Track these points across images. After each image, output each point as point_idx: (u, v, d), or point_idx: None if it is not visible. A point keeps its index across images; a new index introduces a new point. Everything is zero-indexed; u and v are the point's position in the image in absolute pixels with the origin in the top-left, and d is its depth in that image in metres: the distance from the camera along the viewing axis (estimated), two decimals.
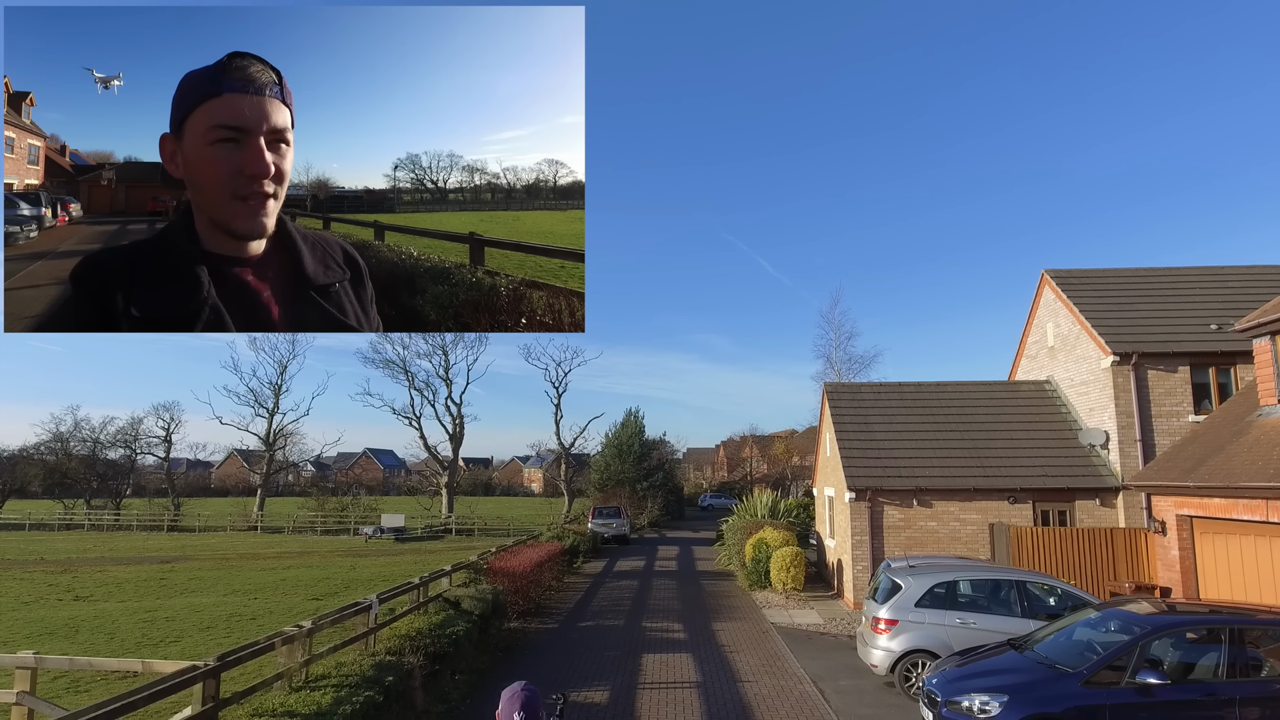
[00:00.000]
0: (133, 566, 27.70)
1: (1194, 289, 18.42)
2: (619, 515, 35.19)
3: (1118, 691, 7.10)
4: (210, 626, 15.62)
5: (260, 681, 7.57)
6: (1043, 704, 7.16)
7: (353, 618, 9.85)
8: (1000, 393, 19.70)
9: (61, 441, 49.45)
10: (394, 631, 10.36)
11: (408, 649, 9.60)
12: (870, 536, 16.72)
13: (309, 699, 7.41)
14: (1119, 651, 7.33)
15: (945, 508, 16.78)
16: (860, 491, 16.83)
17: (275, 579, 23.79)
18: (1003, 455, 17.40)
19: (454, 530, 42.62)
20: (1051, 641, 8.25)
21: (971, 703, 7.44)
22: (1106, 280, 19.06)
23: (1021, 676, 7.60)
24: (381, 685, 8.13)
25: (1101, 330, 16.97)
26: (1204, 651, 7.37)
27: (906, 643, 10.08)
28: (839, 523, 18.69)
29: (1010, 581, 10.52)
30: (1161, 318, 17.39)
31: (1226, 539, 12.37)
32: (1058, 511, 16.59)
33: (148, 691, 6.02)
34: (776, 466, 58.92)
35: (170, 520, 45.60)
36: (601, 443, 50.34)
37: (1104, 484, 16.35)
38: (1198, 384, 16.39)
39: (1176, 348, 16.37)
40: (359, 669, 8.53)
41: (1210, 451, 12.94)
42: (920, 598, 10.32)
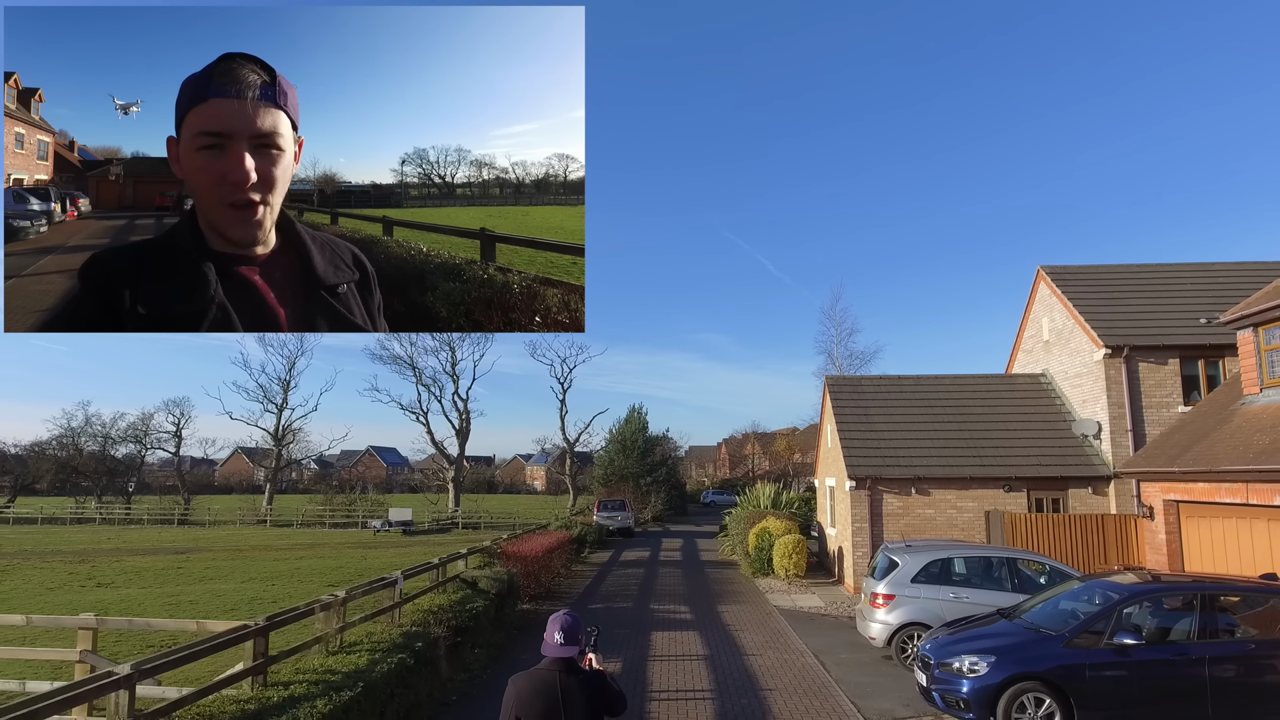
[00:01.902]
0: (149, 557, 28.32)
1: (1184, 284, 18.96)
2: (624, 509, 35.84)
3: (1097, 652, 7.67)
4: (233, 609, 16.19)
5: (300, 644, 8.15)
6: (1027, 663, 7.73)
7: (379, 591, 10.43)
8: (996, 385, 20.25)
9: (73, 436, 50.15)
10: (416, 607, 10.94)
11: (432, 622, 10.17)
12: (870, 524, 17.28)
13: (346, 660, 8.01)
14: (1098, 616, 7.90)
15: (943, 496, 17.34)
16: (860, 480, 17.39)
17: (289, 568, 24.41)
18: (998, 445, 17.95)
19: (460, 524, 43.22)
20: (1038, 610, 8.81)
21: (961, 663, 8.00)
22: (1100, 276, 19.60)
23: (1008, 640, 8.17)
24: (412, 650, 8.71)
25: (1094, 324, 17.51)
26: (1178, 616, 7.93)
27: (903, 616, 10.65)
28: (840, 511, 19.25)
29: (1001, 559, 11.09)
30: (1152, 312, 17.93)
31: (1210, 522, 12.91)
32: (1051, 499, 17.15)
33: (206, 645, 6.60)
34: (778, 463, 59.43)
35: (180, 515, 46.25)
36: (606, 439, 51.00)
37: (1096, 472, 16.91)
38: (1187, 376, 16.94)
39: (1167, 341, 16.91)
40: (389, 637, 9.12)
41: (1195, 439, 13.48)
42: (916, 574, 10.90)
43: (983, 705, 7.71)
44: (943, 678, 8.14)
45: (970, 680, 7.84)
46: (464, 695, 9.44)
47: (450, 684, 9.73)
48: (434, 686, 9.35)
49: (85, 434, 50.12)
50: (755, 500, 27.94)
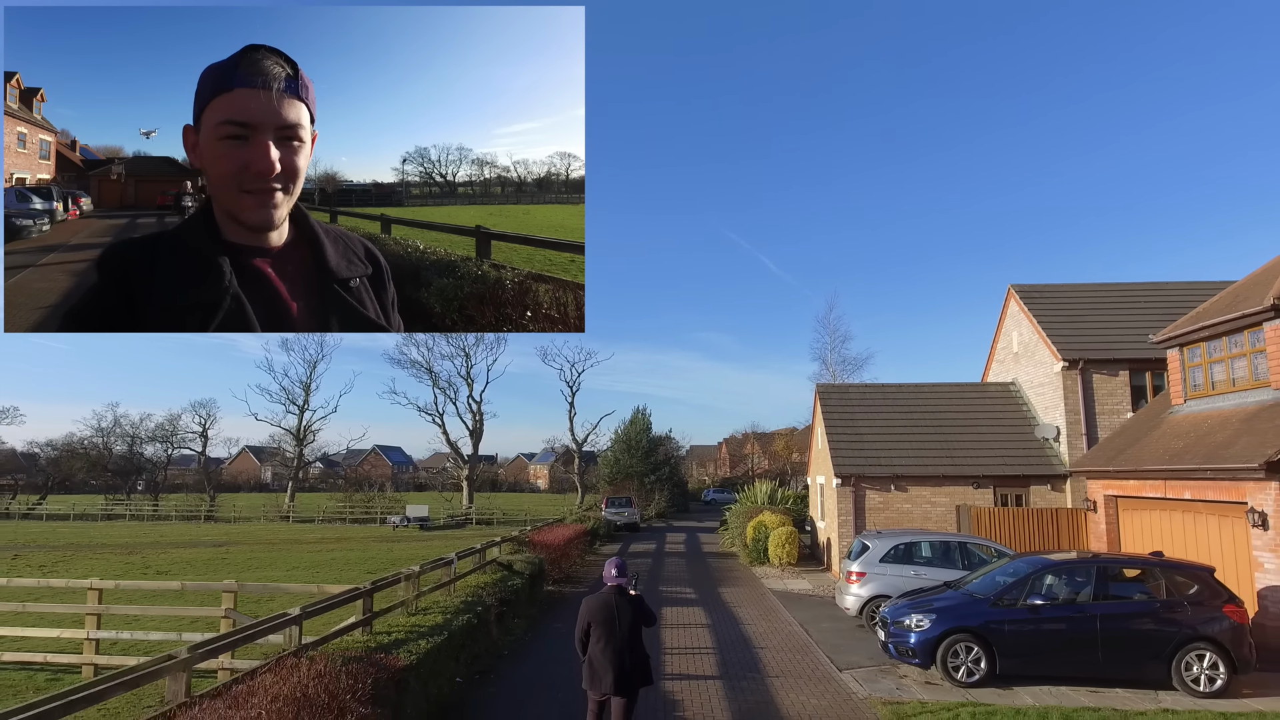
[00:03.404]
0: (190, 549, 30.48)
1: (1138, 302, 21.10)
2: (630, 505, 38.09)
3: (1014, 611, 9.84)
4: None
5: (390, 605, 10.31)
6: (960, 620, 9.89)
7: (438, 570, 12.61)
8: (970, 393, 22.42)
9: (103, 436, 52.57)
10: (466, 584, 13.11)
11: (484, 594, 12.35)
12: (854, 517, 19.46)
13: (425, 620, 10.17)
14: (1017, 584, 10.08)
15: (919, 492, 19.51)
16: (846, 478, 19.56)
17: (325, 559, 26.58)
18: (969, 447, 20.12)
19: (474, 520, 45.44)
20: (976, 581, 10.98)
21: (910, 621, 10.17)
22: (1062, 294, 21.76)
23: (948, 603, 10.34)
24: (474, 613, 10.90)
25: (1055, 339, 19.67)
26: (1079, 584, 10.09)
27: (872, 590, 12.84)
28: (828, 506, 21.42)
29: (955, 543, 13.28)
30: (1107, 328, 20.08)
31: (1140, 514, 15.08)
32: (1015, 495, 19.32)
33: (329, 602, 8.76)
34: (777, 463, 61.54)
35: (206, 511, 48.55)
36: (611, 439, 53.25)
37: (1054, 471, 19.08)
38: (1135, 386, 19.10)
39: (1118, 355, 19.08)
40: (451, 604, 11.29)
41: (1130, 443, 15.66)
42: (884, 555, 13.09)
43: (926, 653, 9.87)
44: (896, 633, 10.31)
45: (917, 634, 10.00)
46: (512, 651, 11.63)
47: (500, 643, 11.91)
48: (488, 644, 11.53)
49: (114, 434, 52.56)
50: (753, 497, 30.17)
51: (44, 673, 10.34)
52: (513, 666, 10.85)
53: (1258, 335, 13.03)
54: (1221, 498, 12.16)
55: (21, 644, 11.38)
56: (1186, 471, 12.77)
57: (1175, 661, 9.39)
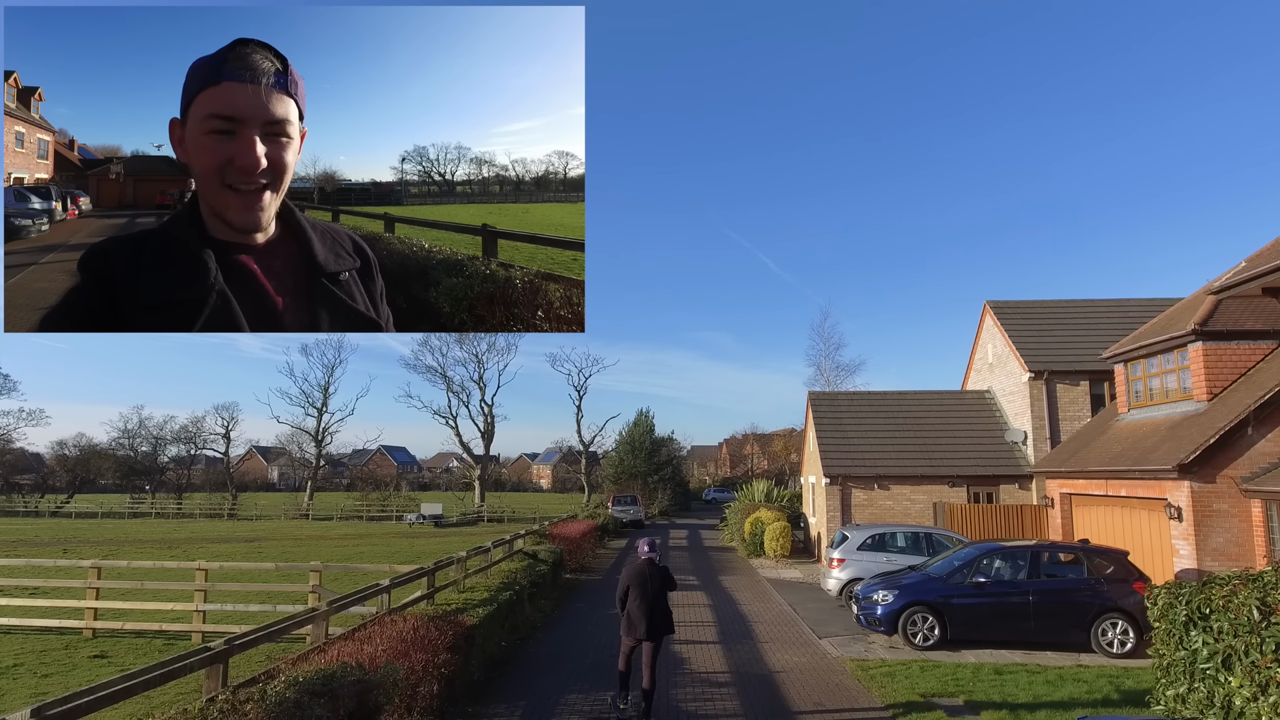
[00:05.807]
0: (225, 544, 32.58)
1: (1100, 318, 23.17)
2: (635, 503, 40.23)
3: (962, 587, 11.93)
4: (335, 579, 20.44)
5: (444, 584, 12.39)
6: (918, 595, 11.97)
7: (478, 557, 14.70)
8: (949, 400, 24.52)
9: (130, 437, 54.87)
10: (500, 569, 15.19)
11: (518, 577, 14.45)
12: (841, 513, 21.55)
13: (473, 595, 12.26)
14: (965, 565, 12.16)
15: (900, 490, 21.60)
16: (834, 478, 21.65)
17: (353, 552, 28.66)
18: (946, 449, 22.21)
19: (486, 518, 47.62)
20: (935, 565, 13.05)
21: (878, 596, 12.25)
22: (1032, 310, 23.84)
23: (909, 581, 12.41)
24: (514, 591, 12.99)
25: (1023, 352, 21.76)
26: (1016, 565, 12.18)
27: (850, 574, 14.93)
28: (818, 503, 23.52)
29: (923, 534, 15.37)
30: (1070, 342, 22.15)
31: (1088, 509, 17.16)
32: (986, 493, 21.41)
33: (406, 576, 10.84)
34: (776, 463, 63.78)
35: (229, 509, 50.77)
36: (615, 439, 55.46)
37: (1021, 471, 21.16)
38: (1095, 395, 21.19)
39: (1079, 367, 21.16)
40: (492, 585, 13.37)
41: (1082, 446, 17.73)
42: (861, 544, 15.18)
43: (890, 622, 11.95)
44: (866, 607, 12.39)
45: (883, 606, 12.08)
46: (544, 625, 13.72)
47: (533, 618, 14.00)
48: (523, 619, 13.62)
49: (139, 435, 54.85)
50: (751, 495, 32.32)
51: (160, 638, 12.44)
52: (546, 634, 12.94)
53: (1184, 354, 15.10)
54: (1149, 495, 14.22)
55: (143, 616, 13.49)
56: (1122, 472, 14.84)
57: (1094, 628, 11.47)
